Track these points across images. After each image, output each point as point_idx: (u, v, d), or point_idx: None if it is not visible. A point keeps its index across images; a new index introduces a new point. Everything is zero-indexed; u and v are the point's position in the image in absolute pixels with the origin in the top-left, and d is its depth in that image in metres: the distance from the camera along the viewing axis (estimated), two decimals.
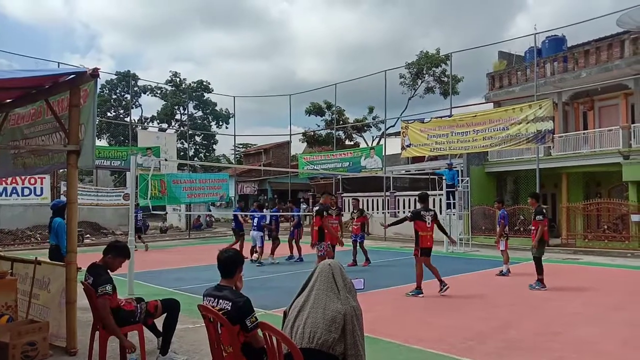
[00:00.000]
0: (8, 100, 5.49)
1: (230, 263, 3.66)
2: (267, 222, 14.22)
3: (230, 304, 3.39)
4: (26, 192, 19.79)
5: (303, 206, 28.45)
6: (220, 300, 3.45)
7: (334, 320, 2.32)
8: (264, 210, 14.97)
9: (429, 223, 8.89)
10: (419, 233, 8.88)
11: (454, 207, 18.04)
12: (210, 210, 34.48)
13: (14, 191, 19.44)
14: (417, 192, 23.12)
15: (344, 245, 10.71)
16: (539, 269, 9.55)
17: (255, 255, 13.65)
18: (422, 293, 8.72)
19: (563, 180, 20.71)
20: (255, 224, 13.90)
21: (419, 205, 9.34)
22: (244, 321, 3.30)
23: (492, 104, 23.53)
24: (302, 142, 39.44)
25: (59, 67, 20.57)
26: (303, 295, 2.45)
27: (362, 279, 3.75)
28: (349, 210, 21.53)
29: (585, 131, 20.78)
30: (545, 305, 7.97)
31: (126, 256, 5.03)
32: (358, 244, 13.29)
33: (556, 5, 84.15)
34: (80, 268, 5.34)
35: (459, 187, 18.41)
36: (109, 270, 4.87)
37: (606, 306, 8.01)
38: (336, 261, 2.56)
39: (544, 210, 9.99)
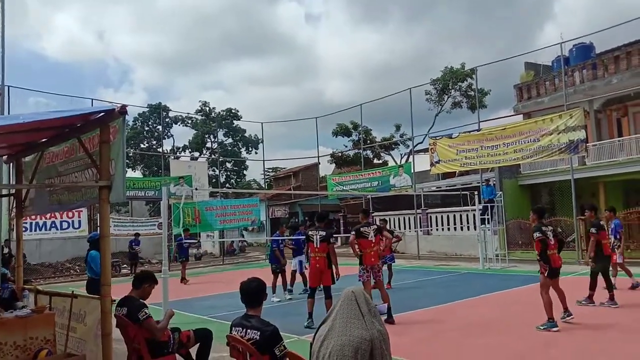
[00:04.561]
0: (43, 140, 5.71)
1: (257, 292, 3.71)
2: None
3: (258, 333, 3.41)
4: (65, 225, 20.39)
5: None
6: (249, 330, 3.47)
7: (359, 347, 2.30)
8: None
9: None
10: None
11: (489, 223, 17.73)
12: (243, 236, 34.76)
13: (53, 225, 20.06)
14: (449, 209, 23.25)
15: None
16: (592, 284, 9.18)
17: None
18: None
19: (600, 189, 20.11)
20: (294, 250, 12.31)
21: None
22: (272, 350, 3.31)
23: (521, 115, 23.16)
24: (331, 163, 39.54)
25: (92, 104, 21.32)
26: (327, 323, 2.43)
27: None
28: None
29: (620, 138, 20.22)
30: (587, 322, 7.67)
31: (156, 282, 5.27)
32: (386, 266, 12.22)
33: (583, 13, 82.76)
34: (115, 300, 5.44)
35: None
36: (141, 299, 4.99)
37: None
38: (359, 287, 2.54)
39: (602, 223, 9.58)
